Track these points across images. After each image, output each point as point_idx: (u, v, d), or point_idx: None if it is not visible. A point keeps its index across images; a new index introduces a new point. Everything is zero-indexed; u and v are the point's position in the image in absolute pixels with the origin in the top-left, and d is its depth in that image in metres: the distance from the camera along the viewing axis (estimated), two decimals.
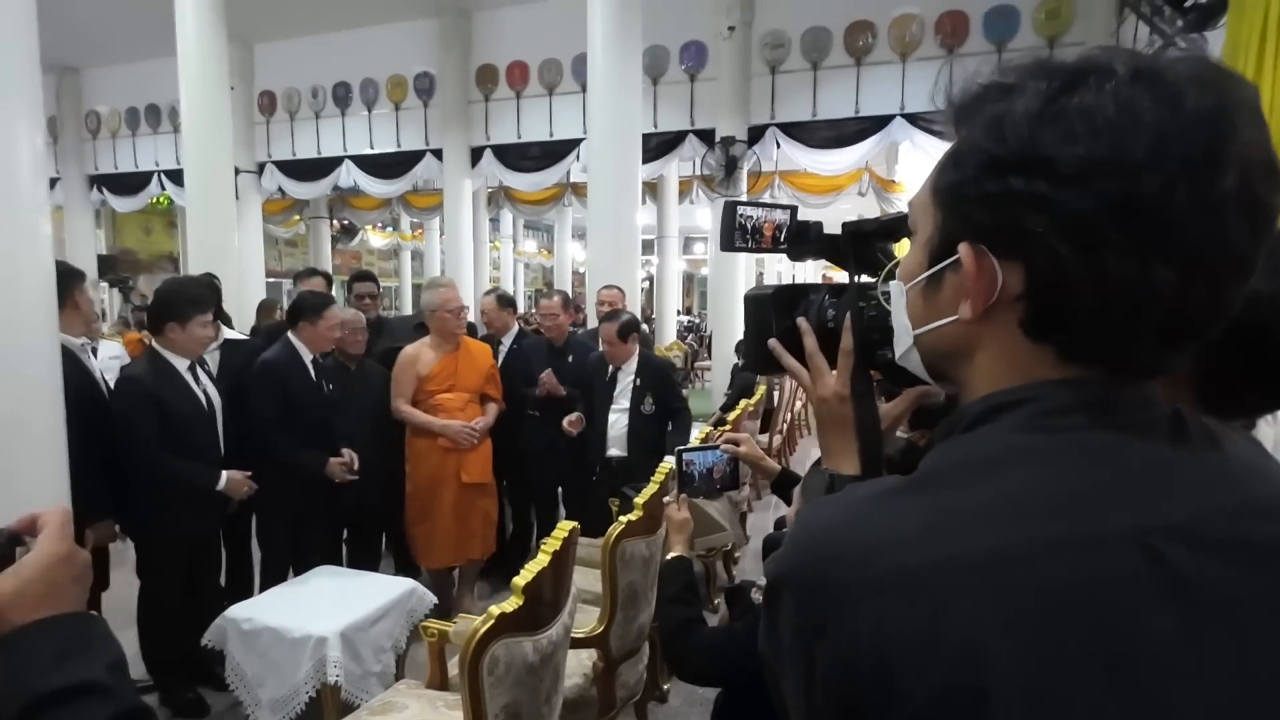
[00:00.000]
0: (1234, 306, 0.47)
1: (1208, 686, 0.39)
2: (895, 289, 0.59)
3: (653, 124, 8.13)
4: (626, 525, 2.12)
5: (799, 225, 0.88)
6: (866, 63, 7.48)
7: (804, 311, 0.84)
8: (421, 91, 9.16)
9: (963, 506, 0.44)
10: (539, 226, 22.45)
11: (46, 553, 0.59)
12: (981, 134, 0.48)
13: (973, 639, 0.40)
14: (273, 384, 2.93)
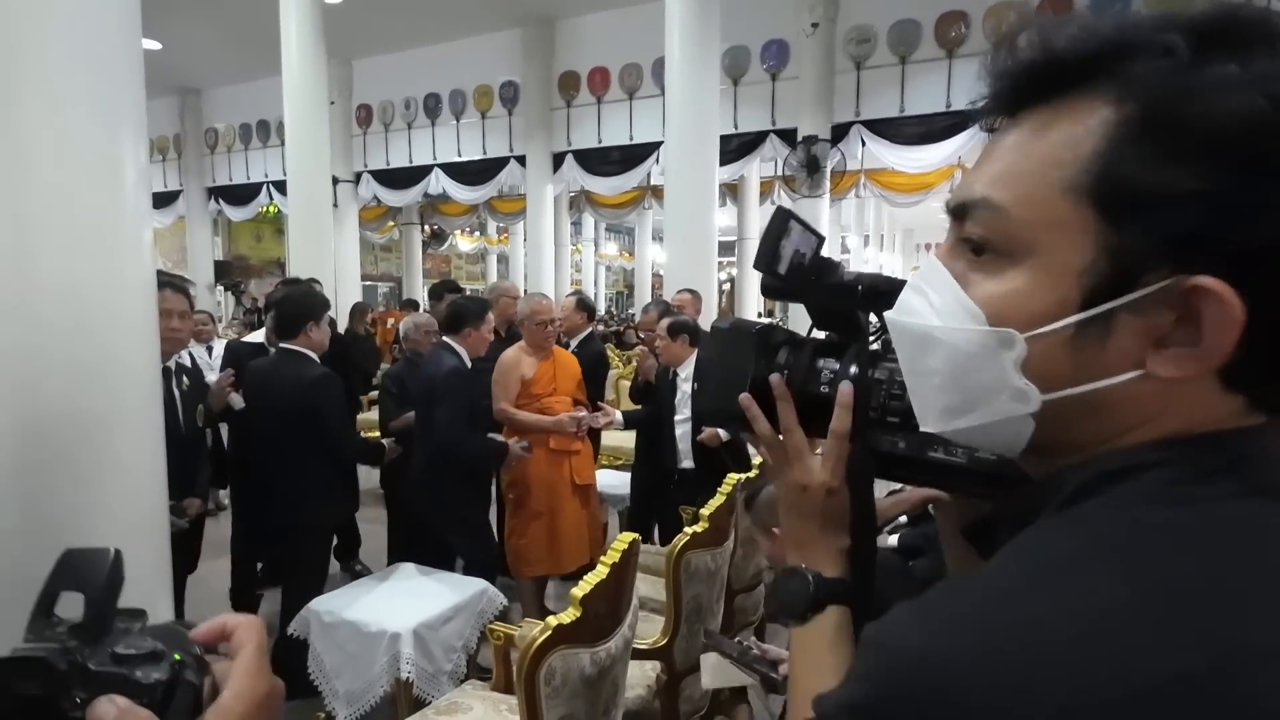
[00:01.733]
0: None
1: None
2: (990, 338, 0.42)
3: (733, 125, 8.04)
4: (692, 537, 2.07)
5: (822, 260, 0.67)
6: (959, 55, 7.13)
7: (784, 366, 0.65)
8: (506, 100, 9.41)
9: (1109, 612, 0.33)
10: (620, 229, 22.67)
11: (249, 693, 0.43)
12: (1225, 109, 0.35)
13: None
14: (464, 390, 3.01)
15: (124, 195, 1.93)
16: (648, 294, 16.34)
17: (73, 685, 0.39)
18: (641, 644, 2.09)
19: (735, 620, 2.63)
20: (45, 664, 0.39)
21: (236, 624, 0.46)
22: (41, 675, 0.39)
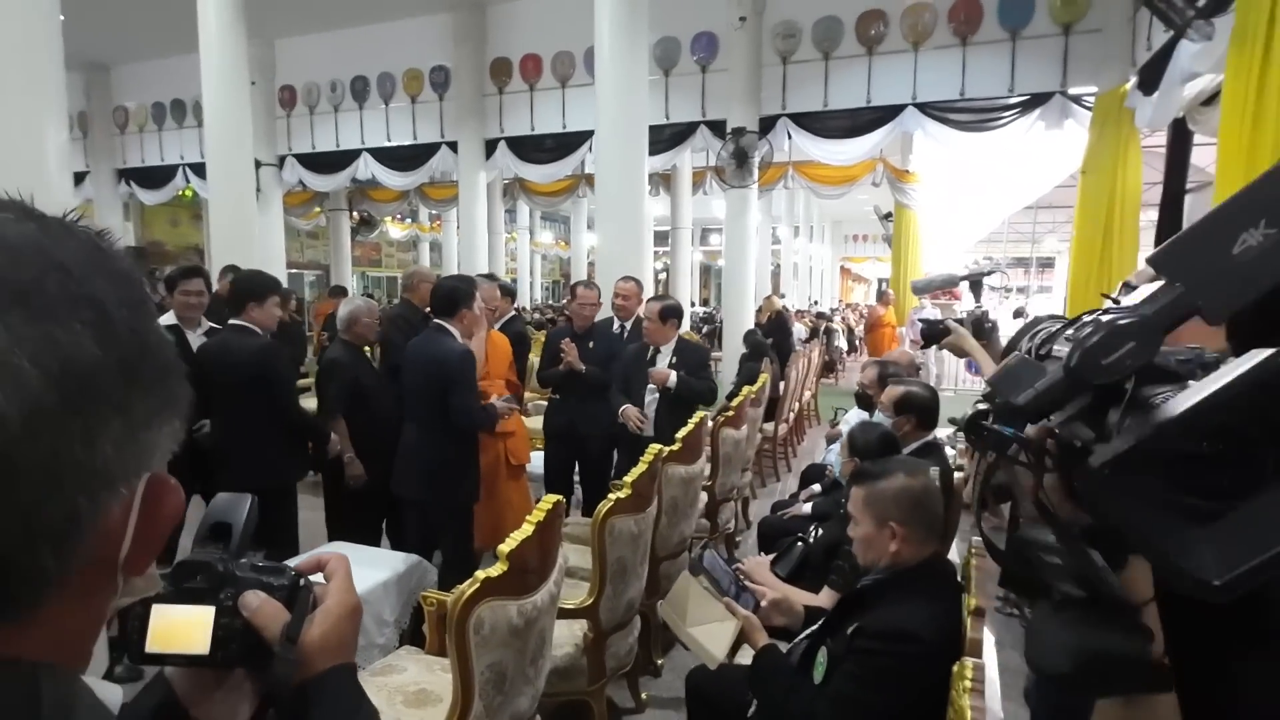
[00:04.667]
0: None
1: None
2: None
3: (664, 115, 8.19)
4: (615, 502, 2.21)
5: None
6: (878, 52, 7.46)
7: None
8: (437, 85, 9.30)
9: None
10: (555, 218, 22.59)
11: (344, 603, 0.60)
12: None
13: None
14: (470, 371, 2.97)
15: (48, 178, 1.91)
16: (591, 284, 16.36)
17: (226, 584, 0.56)
18: (569, 605, 2.23)
19: (661, 586, 2.79)
20: (210, 566, 0.56)
21: (329, 557, 0.64)
22: (206, 574, 0.56)
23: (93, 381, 0.33)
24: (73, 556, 0.34)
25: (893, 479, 1.59)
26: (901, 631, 1.40)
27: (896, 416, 2.56)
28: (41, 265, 0.33)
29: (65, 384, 0.32)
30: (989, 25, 7.03)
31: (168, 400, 0.37)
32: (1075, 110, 6.78)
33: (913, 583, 1.52)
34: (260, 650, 0.55)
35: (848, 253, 27.27)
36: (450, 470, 2.95)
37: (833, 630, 1.59)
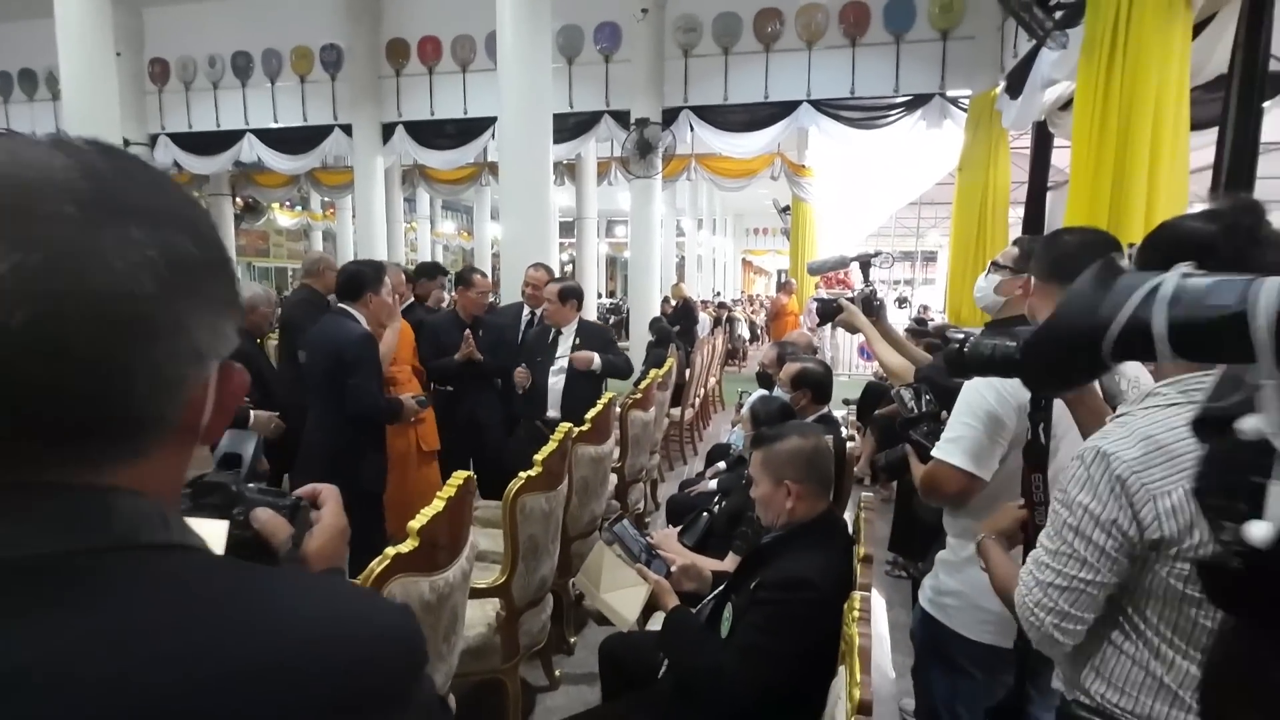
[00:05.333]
0: None
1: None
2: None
3: (568, 104, 8.17)
4: (527, 480, 2.23)
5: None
6: (775, 49, 7.74)
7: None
8: (328, 64, 8.87)
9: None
10: (457, 207, 22.03)
11: (336, 523, 0.76)
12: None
13: None
14: (370, 354, 2.86)
15: None
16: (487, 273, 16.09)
17: (237, 503, 0.68)
18: (481, 584, 2.23)
19: (573, 565, 2.83)
20: (224, 487, 0.69)
21: (322, 488, 0.79)
22: (221, 493, 0.68)
23: (195, 273, 0.42)
24: (179, 413, 0.43)
25: (787, 441, 1.70)
26: (799, 580, 1.50)
27: (794, 391, 2.71)
28: (149, 188, 0.42)
29: (178, 272, 0.40)
30: (876, 28, 7.43)
31: (234, 300, 0.46)
32: (952, 111, 7.29)
33: (808, 537, 1.64)
34: (267, 557, 0.67)
35: (749, 245, 28.09)
36: (351, 456, 2.86)
37: (737, 588, 1.69)
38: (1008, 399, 1.52)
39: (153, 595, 0.38)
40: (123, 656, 0.35)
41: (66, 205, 0.37)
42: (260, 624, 0.39)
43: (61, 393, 0.37)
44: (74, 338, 0.37)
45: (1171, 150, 3.68)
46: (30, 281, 0.36)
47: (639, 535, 1.99)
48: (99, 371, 0.38)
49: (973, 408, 1.56)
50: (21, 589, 0.36)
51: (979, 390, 1.55)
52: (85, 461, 0.40)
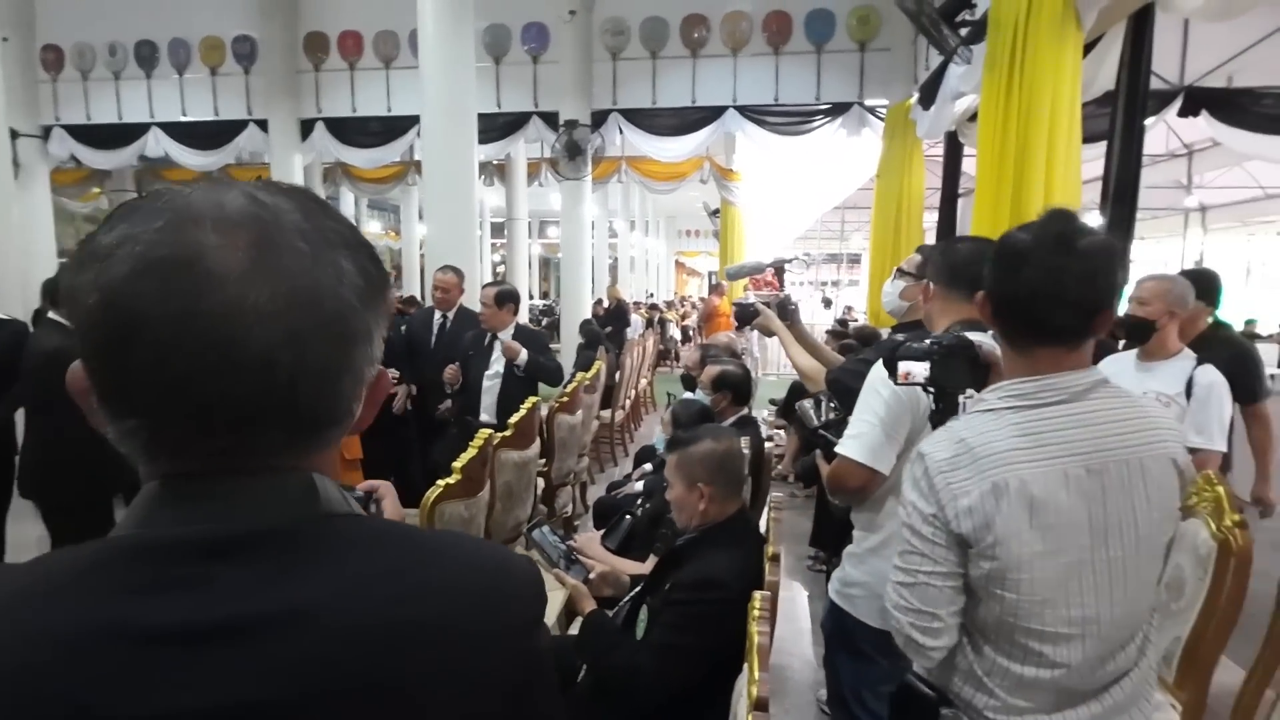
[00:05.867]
0: None
1: None
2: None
3: (496, 103, 8.08)
4: (445, 488, 2.20)
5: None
6: (701, 55, 7.85)
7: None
8: (242, 57, 8.49)
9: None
10: (384, 206, 21.43)
11: (397, 513, 0.97)
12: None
13: None
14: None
15: None
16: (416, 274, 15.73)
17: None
18: None
19: None
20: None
21: (378, 485, 1.01)
22: None
23: (378, 289, 0.49)
24: (359, 409, 0.50)
25: (700, 444, 1.73)
26: (709, 580, 1.54)
27: (714, 393, 2.76)
28: (339, 220, 0.49)
29: (370, 289, 0.48)
30: (798, 38, 7.64)
31: (390, 310, 0.54)
32: (871, 120, 7.56)
33: (720, 537, 1.68)
34: None
35: (682, 247, 28.39)
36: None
37: (652, 589, 1.71)
38: (902, 397, 1.59)
39: (376, 547, 0.48)
40: (383, 589, 0.45)
41: (298, 241, 0.45)
42: (451, 558, 0.50)
43: (303, 395, 0.45)
44: (313, 351, 0.45)
45: (1065, 161, 3.91)
46: (283, 307, 0.43)
47: (558, 540, 2.00)
48: (329, 377, 0.46)
49: (871, 406, 1.62)
50: (286, 547, 0.45)
51: (875, 389, 1.62)
52: (304, 449, 0.48)
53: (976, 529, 1.01)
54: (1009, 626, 1.04)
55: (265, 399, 0.44)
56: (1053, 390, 1.04)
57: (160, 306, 0.41)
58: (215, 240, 0.43)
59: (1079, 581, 1.02)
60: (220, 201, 0.45)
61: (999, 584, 1.03)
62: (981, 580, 1.04)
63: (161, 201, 0.45)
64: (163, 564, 0.42)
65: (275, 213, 0.45)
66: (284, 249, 0.44)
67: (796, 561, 3.94)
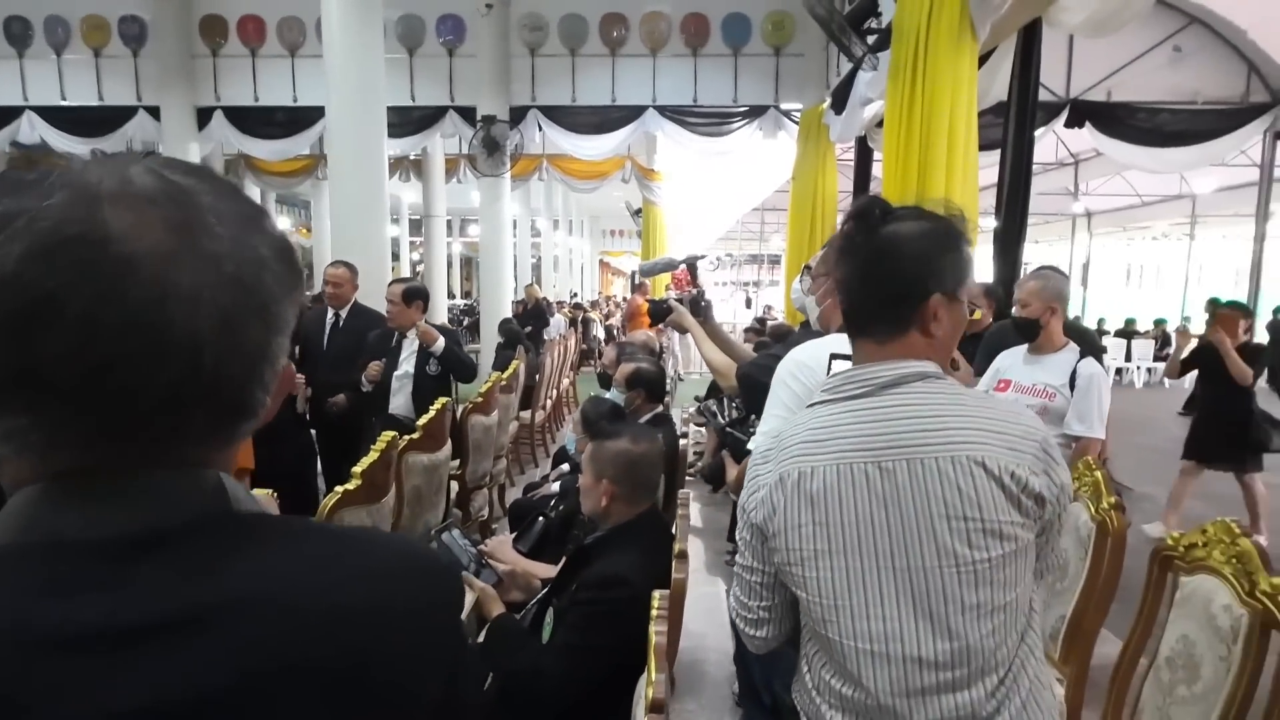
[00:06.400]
0: None
1: None
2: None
3: (410, 96, 7.84)
4: (343, 495, 2.09)
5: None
6: (621, 54, 7.85)
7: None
8: (130, 38, 7.92)
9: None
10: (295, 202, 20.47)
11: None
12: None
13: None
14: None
15: None
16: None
17: None
18: None
19: None
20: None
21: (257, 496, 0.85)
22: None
23: (295, 276, 0.47)
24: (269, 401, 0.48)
25: (617, 441, 1.72)
26: (615, 578, 1.52)
27: (629, 391, 2.75)
28: (248, 204, 0.47)
29: (288, 276, 0.46)
30: (715, 40, 7.74)
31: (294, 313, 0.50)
32: (786, 123, 7.75)
33: (628, 536, 1.66)
34: None
35: (606, 246, 28.37)
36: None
37: (559, 591, 1.68)
38: (812, 389, 1.58)
39: (300, 540, 0.47)
40: (313, 578, 0.44)
41: (215, 224, 0.43)
42: (372, 547, 0.50)
43: (226, 384, 0.43)
44: (240, 337, 0.43)
45: (964, 167, 4.10)
46: (209, 290, 0.41)
47: (467, 544, 1.93)
48: (253, 365, 0.45)
49: (782, 400, 1.62)
50: (208, 543, 0.43)
51: (784, 381, 1.61)
52: (218, 442, 0.46)
53: (765, 520, 0.99)
54: (819, 636, 0.98)
55: (190, 386, 0.42)
56: (854, 384, 0.97)
57: (75, 287, 0.39)
58: (129, 218, 0.40)
59: (872, 590, 0.92)
60: (126, 177, 0.42)
61: (789, 579, 0.99)
62: (779, 575, 1.01)
63: (52, 177, 0.41)
64: (75, 566, 0.40)
65: (187, 192, 0.43)
66: (202, 230, 0.42)
67: (716, 556, 3.97)
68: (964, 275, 0.99)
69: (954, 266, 0.98)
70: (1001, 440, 0.91)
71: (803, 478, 0.95)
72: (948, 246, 0.98)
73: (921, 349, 0.97)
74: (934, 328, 0.97)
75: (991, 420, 0.94)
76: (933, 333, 0.97)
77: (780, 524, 0.97)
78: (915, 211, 1.02)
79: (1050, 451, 0.94)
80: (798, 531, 0.96)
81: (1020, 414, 0.97)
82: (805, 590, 0.97)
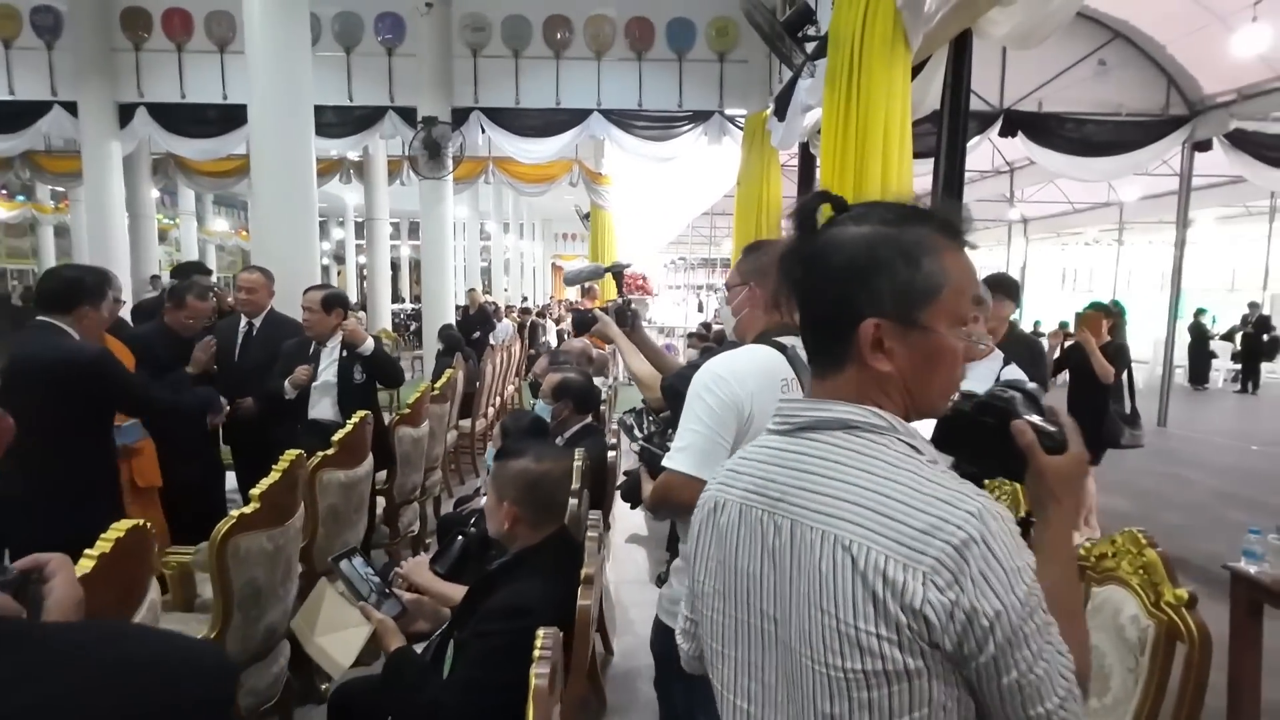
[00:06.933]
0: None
1: None
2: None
3: (347, 96, 7.62)
4: (239, 519, 1.96)
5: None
6: (565, 57, 7.76)
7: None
8: (44, 30, 7.50)
9: None
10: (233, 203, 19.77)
11: (71, 594, 0.76)
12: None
13: None
14: (122, 365, 2.64)
15: None
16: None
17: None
18: None
19: None
20: None
21: (49, 558, 0.77)
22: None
23: None
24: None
25: (519, 460, 1.63)
26: (515, 608, 1.44)
27: (555, 402, 2.66)
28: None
29: None
30: (660, 45, 7.72)
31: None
32: (731, 129, 7.77)
33: (534, 561, 1.58)
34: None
35: (559, 250, 28.17)
36: (80, 499, 2.42)
37: (461, 621, 1.59)
38: (726, 400, 1.51)
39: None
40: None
41: None
42: (83, 666, 0.46)
43: None
44: None
45: (898, 173, 4.14)
46: None
47: (370, 572, 1.82)
48: None
49: (696, 413, 1.54)
50: None
51: (699, 394, 1.54)
52: None
53: (690, 539, 0.92)
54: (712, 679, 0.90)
55: None
56: (779, 417, 0.85)
57: None
58: None
59: (755, 650, 0.82)
60: None
61: (693, 610, 0.92)
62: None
63: None
64: None
65: None
66: None
67: (657, 566, 3.92)
68: (928, 294, 0.76)
69: (907, 283, 0.76)
70: (889, 529, 0.70)
71: (716, 508, 0.86)
72: (900, 256, 0.76)
73: (867, 387, 0.78)
74: (877, 361, 0.77)
75: (889, 500, 0.71)
76: (876, 367, 0.77)
77: (693, 549, 0.90)
78: (877, 211, 0.80)
79: (972, 561, 0.67)
80: (704, 564, 0.87)
81: (956, 500, 0.70)
82: (701, 627, 0.89)
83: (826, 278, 0.79)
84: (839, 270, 0.78)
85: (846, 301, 0.77)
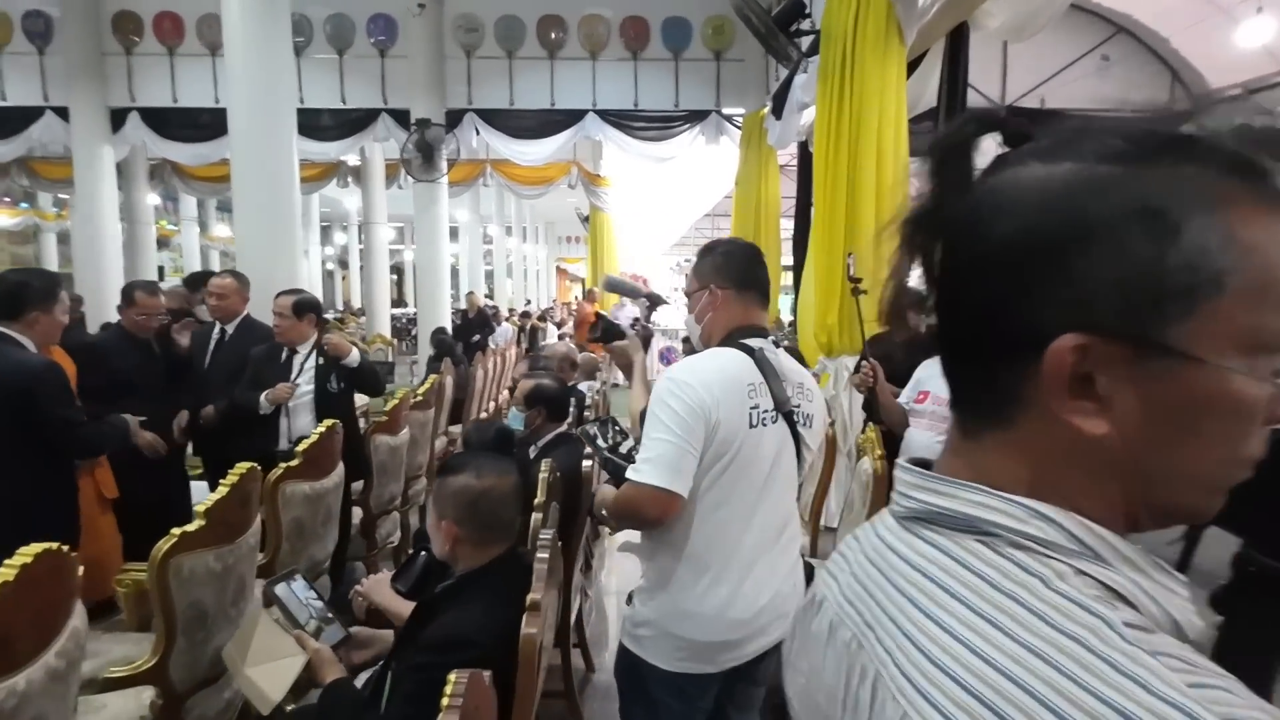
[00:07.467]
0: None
1: None
2: None
3: (340, 99, 7.55)
4: (181, 538, 1.85)
5: None
6: (560, 57, 7.67)
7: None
8: (34, 34, 7.47)
9: None
10: None
11: None
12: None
13: None
14: (66, 382, 2.61)
15: None
16: None
17: None
18: (120, 672, 1.82)
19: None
20: None
21: None
22: None
23: None
24: None
25: (459, 476, 1.52)
26: (451, 639, 1.33)
27: (528, 410, 2.55)
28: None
29: None
30: (655, 44, 7.62)
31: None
32: (728, 128, 7.66)
33: (476, 586, 1.47)
34: None
35: (562, 253, 28.09)
36: (38, 507, 2.39)
37: (401, 649, 1.48)
38: (693, 405, 1.41)
39: None
40: None
41: None
42: None
43: None
44: None
45: (894, 171, 4.01)
46: None
47: (312, 596, 1.72)
48: None
49: (662, 421, 1.44)
50: None
51: (663, 400, 1.44)
52: None
53: (785, 641, 0.80)
54: None
55: None
56: (896, 490, 0.57)
57: None
58: None
59: None
60: None
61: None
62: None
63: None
64: None
65: None
66: None
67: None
68: (1194, 291, 0.38)
69: (1149, 269, 0.39)
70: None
71: (813, 603, 0.56)
72: (1134, 217, 0.39)
73: (1052, 462, 0.43)
74: (1078, 415, 0.41)
75: (1018, 698, 0.36)
76: (1076, 424, 0.41)
77: (787, 646, 0.61)
78: (1091, 139, 0.42)
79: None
80: (793, 669, 0.59)
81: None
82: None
83: (984, 261, 0.43)
84: (1008, 246, 0.42)
85: (1020, 302, 0.41)
